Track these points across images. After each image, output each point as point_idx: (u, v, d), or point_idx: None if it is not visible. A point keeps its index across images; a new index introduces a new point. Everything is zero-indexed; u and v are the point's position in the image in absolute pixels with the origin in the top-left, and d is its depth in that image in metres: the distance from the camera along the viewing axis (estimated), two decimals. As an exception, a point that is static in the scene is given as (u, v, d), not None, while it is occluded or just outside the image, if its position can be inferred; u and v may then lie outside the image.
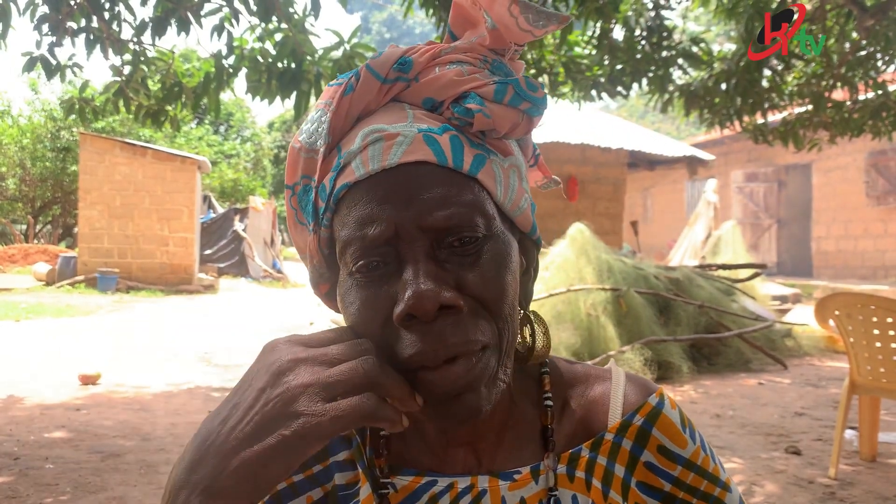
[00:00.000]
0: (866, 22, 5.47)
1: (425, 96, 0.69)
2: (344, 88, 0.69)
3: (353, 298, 0.66)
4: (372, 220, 0.64)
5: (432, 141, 0.66)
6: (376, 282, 0.65)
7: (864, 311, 3.69)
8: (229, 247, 18.99)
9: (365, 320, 0.65)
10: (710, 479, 0.78)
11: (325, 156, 0.69)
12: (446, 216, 0.64)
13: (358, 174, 0.65)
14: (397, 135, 0.66)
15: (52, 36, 4.94)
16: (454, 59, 0.70)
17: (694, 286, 7.87)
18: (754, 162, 17.99)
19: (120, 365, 6.82)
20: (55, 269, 15.22)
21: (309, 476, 0.75)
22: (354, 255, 0.65)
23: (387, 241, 0.64)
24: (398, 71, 0.69)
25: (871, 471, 3.92)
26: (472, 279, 0.65)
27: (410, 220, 0.64)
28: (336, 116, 0.69)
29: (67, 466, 3.83)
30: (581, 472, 0.76)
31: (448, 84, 0.68)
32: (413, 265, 0.63)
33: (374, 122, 0.68)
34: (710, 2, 6.68)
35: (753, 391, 6.10)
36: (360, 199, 0.65)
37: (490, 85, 0.68)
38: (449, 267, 0.65)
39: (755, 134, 7.44)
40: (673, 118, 6.54)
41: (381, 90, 0.69)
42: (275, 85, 5.04)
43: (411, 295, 0.61)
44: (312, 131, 0.70)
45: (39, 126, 22.35)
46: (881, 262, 14.63)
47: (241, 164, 30.91)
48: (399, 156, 0.65)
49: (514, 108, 0.69)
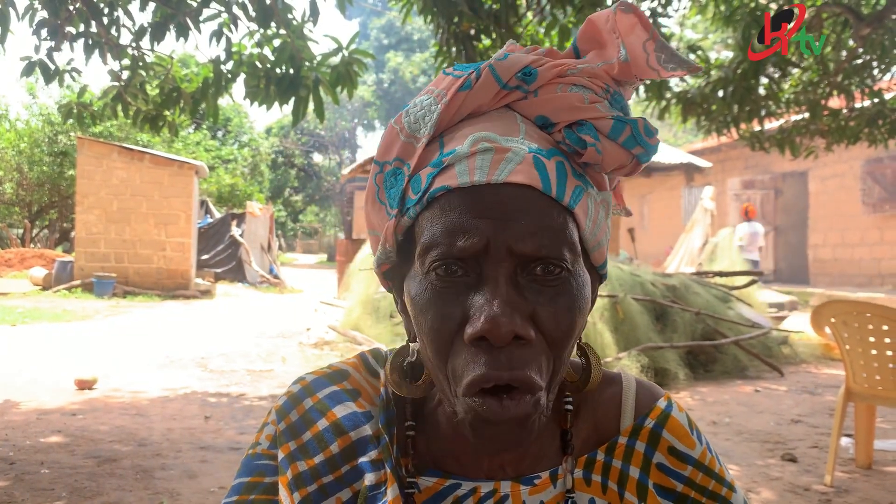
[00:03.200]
0: (863, 30, 5.50)
1: (540, 113, 0.68)
2: (462, 83, 0.68)
3: (425, 302, 0.66)
4: (465, 230, 0.63)
5: (541, 165, 0.65)
6: (453, 291, 0.65)
7: (859, 318, 3.70)
8: (226, 252, 18.97)
9: (436, 329, 0.65)
10: (717, 479, 0.80)
11: (426, 145, 0.68)
12: (538, 245, 0.63)
13: (461, 181, 0.64)
14: (508, 150, 0.65)
15: (50, 40, 4.95)
16: (578, 82, 0.68)
17: (691, 293, 7.88)
18: (751, 169, 18.03)
19: (116, 370, 6.81)
20: (52, 273, 15.19)
21: (338, 477, 0.74)
22: (437, 258, 0.64)
23: (474, 255, 0.64)
24: (520, 80, 0.68)
25: (867, 478, 3.92)
26: (547, 314, 0.64)
27: (503, 240, 0.63)
28: (447, 110, 0.68)
29: (63, 471, 3.82)
30: (598, 476, 0.77)
31: (568, 108, 0.67)
32: (494, 286, 0.63)
33: (486, 128, 0.67)
34: (707, 9, 6.71)
35: (750, 398, 6.10)
36: (457, 206, 0.64)
37: (608, 119, 0.67)
38: (527, 295, 0.64)
39: (752, 141, 7.45)
40: (670, 125, 6.57)
41: (498, 94, 0.68)
42: (273, 90, 5.04)
43: (487, 318, 0.61)
44: (418, 117, 0.69)
45: (37, 130, 22.34)
46: (877, 270, 14.66)
47: (239, 170, 30.93)
48: (506, 173, 0.64)
49: (627, 149, 0.67)
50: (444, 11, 5.18)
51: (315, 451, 0.74)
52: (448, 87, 0.68)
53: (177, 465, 4.00)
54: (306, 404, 0.77)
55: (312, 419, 0.76)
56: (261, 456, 0.77)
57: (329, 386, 0.79)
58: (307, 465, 0.74)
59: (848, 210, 15.34)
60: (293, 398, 0.78)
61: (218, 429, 4.83)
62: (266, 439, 0.78)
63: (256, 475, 0.76)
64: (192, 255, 16.01)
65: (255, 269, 18.95)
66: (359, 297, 8.60)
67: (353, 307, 8.63)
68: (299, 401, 0.78)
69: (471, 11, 5.03)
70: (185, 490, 3.61)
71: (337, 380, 0.79)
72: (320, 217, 50.48)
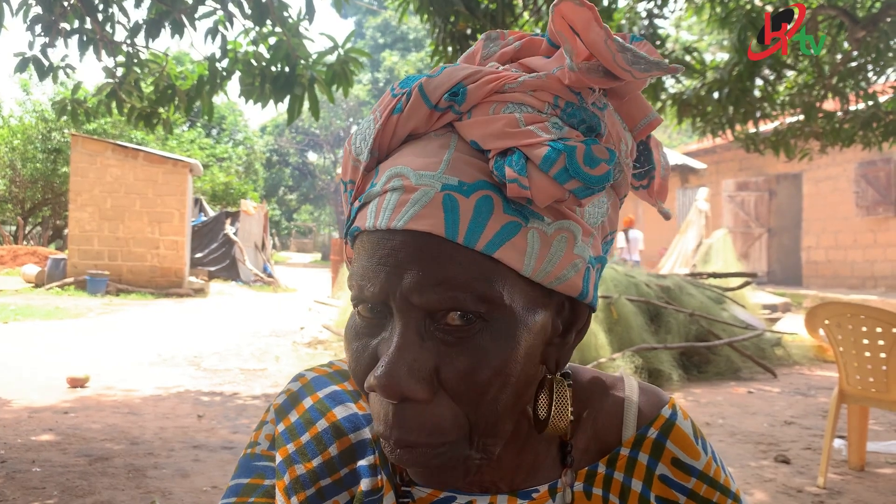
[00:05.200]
0: (857, 33, 5.52)
1: (472, 138, 0.60)
2: (393, 106, 0.62)
3: (349, 340, 0.64)
4: (368, 278, 0.60)
5: (452, 206, 0.58)
6: (371, 330, 0.62)
7: (853, 320, 3.71)
8: (220, 250, 18.93)
9: (352, 370, 0.63)
10: (722, 490, 0.76)
11: (365, 173, 0.64)
12: (439, 299, 0.58)
13: (367, 224, 0.61)
14: (416, 189, 0.59)
15: (44, 37, 4.93)
16: (515, 100, 0.60)
17: (685, 294, 7.90)
18: (745, 171, 18.07)
19: (109, 368, 6.78)
20: (44, 271, 15.15)
21: (336, 480, 0.72)
22: (355, 297, 0.62)
23: (381, 302, 0.60)
24: (449, 100, 0.61)
25: (860, 480, 3.93)
26: (450, 370, 0.59)
27: (400, 293, 0.58)
28: (382, 135, 0.63)
29: (55, 470, 3.80)
30: (598, 489, 0.74)
31: (496, 134, 0.59)
32: (396, 338, 0.59)
33: (407, 160, 0.61)
34: (703, 11, 6.73)
35: (743, 400, 6.12)
36: (364, 250, 0.61)
37: (542, 147, 0.57)
38: (434, 347, 0.59)
39: (747, 143, 7.48)
40: (665, 126, 6.57)
41: (432, 117, 0.62)
42: (268, 89, 5.03)
43: (381, 374, 0.57)
44: (361, 138, 0.64)
45: (31, 127, 22.28)
46: (870, 272, 14.71)
47: (233, 168, 30.91)
48: (406, 219, 0.58)
49: (558, 183, 0.57)
50: (441, 11, 5.17)
51: (314, 453, 0.72)
52: (384, 108, 0.63)
53: (169, 463, 3.99)
54: (306, 403, 0.75)
55: (312, 420, 0.74)
56: (260, 457, 0.75)
57: (330, 385, 0.76)
58: (305, 468, 0.72)
59: (842, 212, 15.40)
60: (293, 397, 0.76)
61: (211, 428, 4.81)
62: (265, 439, 0.76)
63: (256, 477, 0.74)
64: (186, 254, 15.97)
65: (248, 268, 18.92)
66: (353, 296, 8.58)
67: (348, 306, 8.61)
68: (298, 400, 0.76)
69: (467, 11, 5.03)
70: (178, 489, 3.59)
71: (338, 380, 0.77)
72: (315, 216, 50.46)
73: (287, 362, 7.48)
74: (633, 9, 6.40)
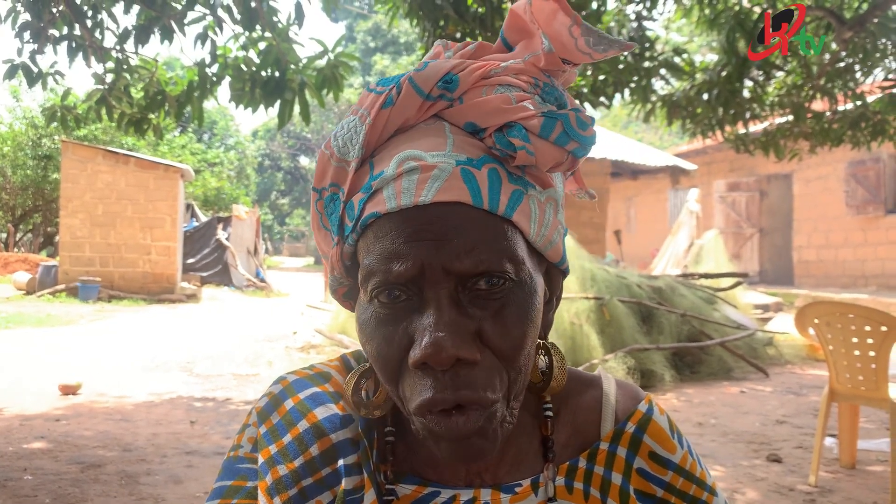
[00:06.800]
0: (845, 34, 5.55)
1: (468, 120, 0.65)
2: (383, 101, 0.65)
3: (372, 330, 0.65)
4: (398, 256, 0.62)
5: (470, 177, 0.63)
6: (397, 316, 0.64)
7: (842, 319, 3.73)
8: (212, 255, 18.88)
9: (383, 355, 0.64)
10: (698, 483, 0.79)
11: (357, 168, 0.66)
12: (475, 262, 0.62)
13: (389, 206, 0.63)
14: (434, 167, 0.63)
15: (33, 43, 4.92)
16: (503, 82, 0.66)
17: (676, 295, 7.92)
18: (736, 171, 18.13)
19: (101, 375, 6.76)
20: (36, 278, 15.07)
21: (318, 480, 0.73)
22: (376, 286, 0.63)
23: (411, 280, 0.62)
24: (442, 89, 0.65)
25: (851, 478, 3.96)
26: (493, 330, 0.63)
27: (438, 262, 0.61)
28: (372, 130, 0.65)
29: (47, 478, 3.78)
30: (580, 483, 0.77)
31: (493, 111, 0.64)
32: (435, 310, 0.62)
33: (412, 145, 0.65)
34: (691, 13, 6.75)
35: (735, 399, 6.14)
36: (388, 231, 0.63)
37: (538, 118, 0.64)
38: (471, 312, 0.63)
39: (737, 143, 7.51)
40: (655, 128, 6.57)
41: (423, 107, 0.66)
42: (258, 93, 5.03)
43: (428, 343, 0.60)
44: (346, 140, 0.66)
45: (21, 134, 22.16)
46: (861, 272, 14.77)
47: (225, 173, 30.83)
48: (433, 193, 0.62)
49: (560, 146, 0.65)
50: (430, 15, 5.19)
51: (295, 453, 0.73)
52: (371, 105, 0.66)
53: (162, 470, 3.98)
54: (287, 405, 0.76)
55: (293, 420, 0.75)
56: (243, 459, 0.76)
57: (311, 387, 0.77)
58: (287, 468, 0.73)
59: (832, 212, 15.46)
60: (274, 399, 0.77)
61: (204, 433, 4.80)
62: (248, 441, 0.76)
63: (239, 479, 0.75)
64: (178, 259, 15.93)
65: (241, 273, 18.88)
66: (345, 300, 8.57)
67: (340, 311, 8.61)
68: (280, 402, 0.76)
69: (456, 15, 5.04)
70: (171, 495, 3.58)
71: (319, 382, 0.78)
72: (307, 220, 50.33)
73: (280, 367, 7.46)
74: (621, 11, 6.42)
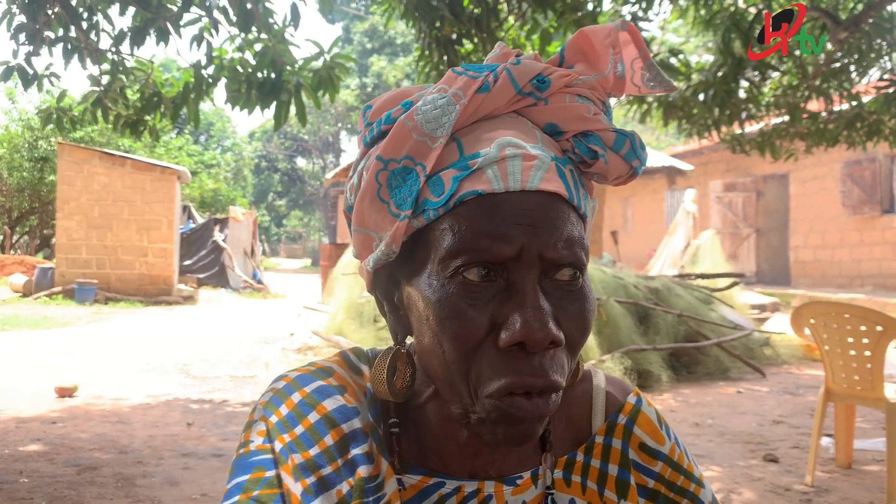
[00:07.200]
0: (840, 34, 5.56)
1: (550, 121, 0.69)
2: (479, 85, 0.67)
3: (450, 307, 0.65)
4: (499, 236, 0.63)
5: (562, 173, 0.67)
6: (482, 295, 0.65)
7: (838, 319, 3.74)
8: (209, 257, 18.85)
9: (462, 334, 0.64)
10: (686, 474, 0.82)
11: (444, 147, 0.67)
12: (568, 253, 0.65)
13: (494, 186, 0.64)
14: (536, 157, 0.66)
15: (29, 45, 4.91)
16: (582, 93, 0.70)
17: (673, 295, 7.93)
18: (732, 172, 18.16)
19: (97, 377, 6.75)
20: (32, 280, 15.03)
21: (336, 469, 0.73)
22: (467, 262, 0.64)
23: (505, 261, 0.64)
24: (534, 87, 0.69)
25: (847, 478, 3.96)
26: (569, 319, 0.66)
27: (535, 247, 0.64)
28: (465, 111, 0.67)
29: (42, 480, 3.78)
30: (577, 477, 0.79)
31: (577, 118, 0.69)
32: (529, 294, 0.64)
33: (505, 133, 0.67)
34: (687, 14, 6.76)
35: (732, 399, 6.14)
36: (490, 211, 0.64)
37: (611, 132, 0.69)
38: (551, 301, 0.65)
39: (733, 144, 7.51)
40: (652, 129, 6.58)
41: (513, 99, 0.69)
42: (255, 95, 5.03)
43: (526, 324, 0.62)
44: (433, 116, 0.67)
45: (16, 136, 22.10)
46: (857, 271, 14.79)
47: (222, 174, 30.83)
48: (538, 181, 0.65)
49: (627, 161, 0.70)
50: (426, 16, 5.18)
51: (309, 443, 0.72)
52: (464, 87, 0.68)
53: (159, 472, 3.97)
54: (294, 398, 0.75)
55: (303, 412, 0.74)
56: (256, 452, 0.74)
57: (315, 381, 0.77)
58: (303, 457, 0.72)
59: (828, 212, 15.49)
60: (280, 394, 0.76)
61: (200, 435, 4.80)
62: (258, 435, 0.74)
63: (255, 471, 0.72)
64: (175, 261, 15.91)
65: (238, 275, 18.85)
66: (342, 301, 8.57)
67: (337, 312, 8.60)
68: (287, 395, 0.76)
69: (452, 16, 5.04)
70: (167, 498, 3.58)
71: (322, 376, 0.78)
72: (304, 221, 50.35)
73: (277, 369, 7.46)
74: (617, 12, 6.43)
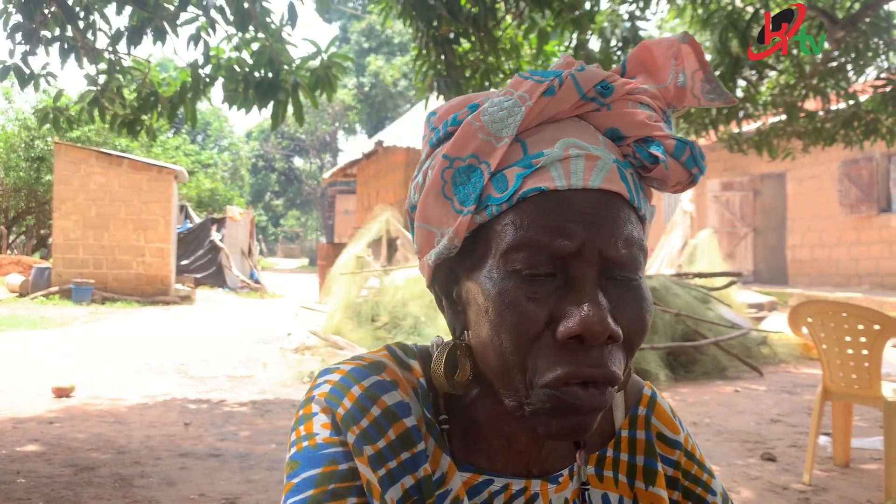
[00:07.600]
0: (837, 34, 5.56)
1: (613, 126, 0.72)
2: (545, 89, 0.70)
3: (510, 300, 0.66)
4: (562, 232, 0.65)
5: (623, 175, 0.69)
6: (539, 290, 0.66)
7: (835, 318, 3.74)
8: (206, 257, 18.85)
9: (522, 326, 0.66)
10: (699, 464, 0.85)
11: (508, 147, 0.70)
12: (627, 252, 0.67)
13: (558, 184, 0.67)
14: (598, 158, 0.68)
15: (25, 45, 4.90)
16: (644, 101, 0.72)
17: (671, 294, 7.93)
18: (730, 171, 18.17)
19: (95, 377, 6.74)
20: (29, 280, 15.02)
21: (400, 463, 0.72)
22: (527, 258, 0.66)
23: (566, 257, 0.66)
24: (598, 92, 0.71)
25: (845, 476, 3.97)
26: (627, 317, 0.67)
27: (596, 245, 0.66)
28: (530, 112, 0.69)
29: (40, 481, 3.77)
30: (609, 472, 0.82)
31: (640, 124, 0.71)
32: (589, 289, 0.65)
33: (569, 134, 0.70)
34: (685, 13, 6.76)
35: (730, 398, 6.15)
36: (552, 207, 0.66)
37: (671, 139, 0.71)
38: (609, 297, 0.67)
39: (730, 143, 7.52)
40: (649, 128, 6.63)
41: (576, 104, 0.71)
42: (252, 94, 5.02)
43: (585, 317, 0.64)
44: (500, 117, 0.70)
45: (13, 135, 22.05)
46: (855, 270, 14.80)
47: (219, 174, 30.82)
48: (600, 180, 0.67)
49: (687, 169, 0.72)
50: (423, 15, 5.18)
51: (376, 436, 0.72)
52: (531, 90, 0.70)
53: (156, 472, 3.97)
54: (355, 392, 0.74)
55: (366, 406, 0.73)
56: (324, 445, 0.72)
57: (371, 375, 0.76)
58: (373, 449, 0.71)
59: (825, 211, 15.50)
60: (339, 386, 0.74)
61: (198, 435, 4.79)
62: (323, 428, 0.73)
63: (328, 464, 0.71)
64: (172, 261, 15.89)
65: (235, 275, 18.84)
66: (340, 301, 8.57)
67: (335, 312, 8.60)
68: (347, 388, 0.74)
69: (450, 15, 5.03)
70: (165, 498, 3.57)
71: (376, 370, 0.76)
72: (301, 221, 50.29)
73: (274, 369, 7.45)
74: (615, 11, 6.42)
